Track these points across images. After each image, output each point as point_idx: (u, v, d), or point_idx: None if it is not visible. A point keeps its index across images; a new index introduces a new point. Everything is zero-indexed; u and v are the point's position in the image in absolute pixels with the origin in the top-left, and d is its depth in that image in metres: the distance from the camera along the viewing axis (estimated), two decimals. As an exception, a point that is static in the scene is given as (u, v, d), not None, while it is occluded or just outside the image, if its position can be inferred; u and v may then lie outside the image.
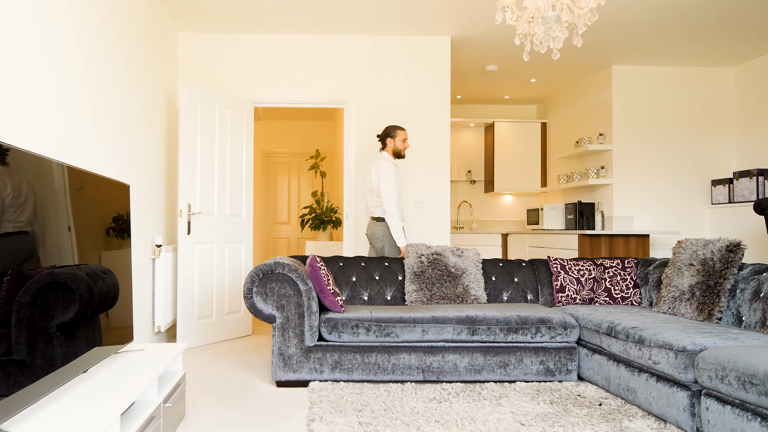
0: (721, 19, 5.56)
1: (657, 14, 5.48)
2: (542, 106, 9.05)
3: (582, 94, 7.76)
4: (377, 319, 3.78)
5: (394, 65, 6.09)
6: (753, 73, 6.82)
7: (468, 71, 7.32)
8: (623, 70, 7.05)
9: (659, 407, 3.06)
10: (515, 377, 3.82)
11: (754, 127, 6.78)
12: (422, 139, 6.08)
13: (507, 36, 5.94)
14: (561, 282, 4.44)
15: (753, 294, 3.40)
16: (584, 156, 7.68)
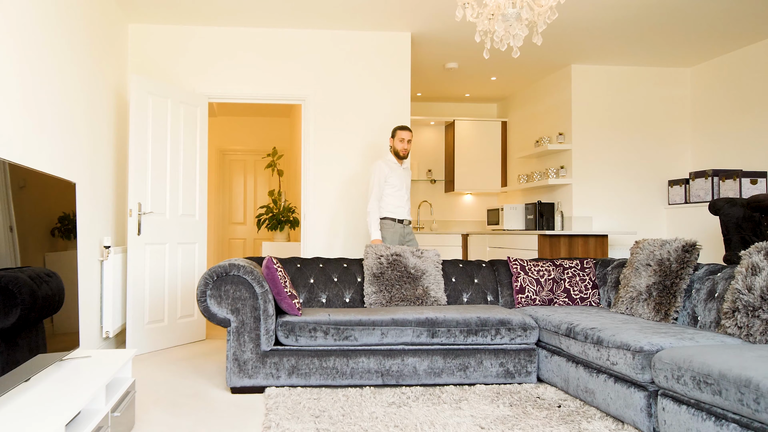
0: (678, 19, 5.72)
1: (616, 14, 5.60)
2: (503, 105, 9.16)
3: (542, 93, 7.89)
4: (335, 322, 3.77)
5: (353, 61, 6.09)
6: (709, 74, 7.03)
7: (428, 68, 7.36)
8: (583, 70, 7.19)
9: (617, 408, 3.14)
10: (475, 380, 3.86)
11: (709, 127, 6.99)
12: (382, 137, 6.09)
13: (467, 33, 5.99)
14: (521, 283, 4.50)
15: (708, 294, 3.51)
16: (544, 155, 7.81)
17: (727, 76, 6.75)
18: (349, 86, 6.08)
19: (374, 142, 6.08)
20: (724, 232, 4.84)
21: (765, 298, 2.98)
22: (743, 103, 6.51)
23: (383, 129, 6.10)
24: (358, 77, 6.10)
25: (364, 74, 6.10)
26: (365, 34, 6.11)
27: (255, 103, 6.18)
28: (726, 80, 6.76)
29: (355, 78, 6.09)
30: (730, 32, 6.06)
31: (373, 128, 6.09)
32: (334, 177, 6.03)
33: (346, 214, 6.02)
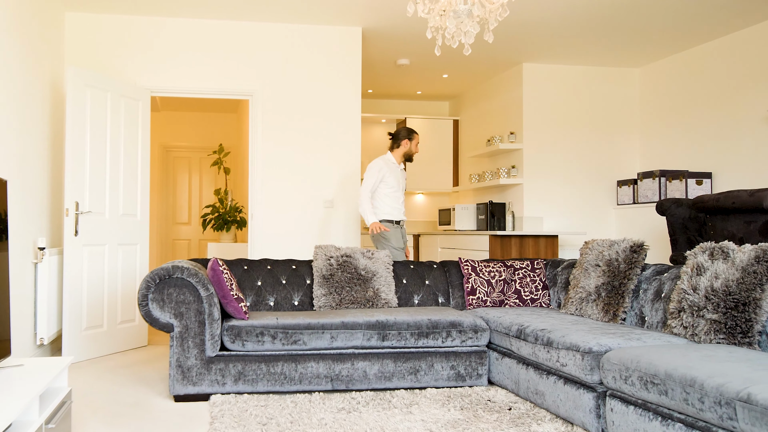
0: (627, 19, 5.87)
1: (567, 13, 5.72)
2: (454, 103, 9.25)
3: (494, 92, 8.00)
4: (284, 326, 3.75)
5: (302, 56, 6.06)
6: (656, 75, 7.24)
7: (380, 65, 7.38)
8: (534, 68, 7.31)
9: (567, 410, 3.21)
10: (426, 383, 3.89)
11: (656, 128, 7.21)
12: (332, 135, 6.08)
13: (419, 29, 6.02)
14: (472, 284, 4.56)
15: (655, 294, 3.62)
16: (496, 155, 7.92)
17: (673, 77, 6.97)
18: (298, 82, 6.05)
19: (324, 139, 6.07)
20: (671, 232, 5.00)
21: (709, 298, 3.09)
22: (689, 104, 6.73)
23: (333, 126, 6.08)
24: (307, 72, 6.06)
25: (313, 69, 6.08)
26: (315, 28, 6.08)
27: (200, 97, 6.08)
28: (673, 81, 6.98)
29: (305, 73, 6.06)
30: (677, 33, 6.25)
31: (323, 125, 6.07)
32: (283, 175, 5.99)
33: (296, 213, 5.98)
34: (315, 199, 6.03)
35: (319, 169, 6.05)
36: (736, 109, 6.14)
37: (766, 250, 3.02)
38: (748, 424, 2.14)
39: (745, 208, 4.04)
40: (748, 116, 6.01)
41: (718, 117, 6.35)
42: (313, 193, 6.03)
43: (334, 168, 6.08)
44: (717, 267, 3.15)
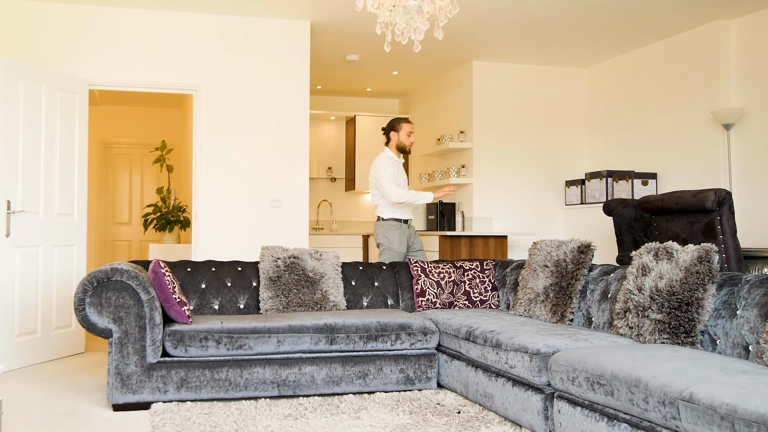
0: (575, 19, 5.99)
1: (516, 11, 5.79)
2: (405, 101, 9.29)
3: (444, 90, 8.06)
4: (229, 330, 3.70)
5: (249, 50, 5.99)
6: (603, 75, 7.42)
7: (329, 60, 7.35)
8: (484, 67, 7.39)
9: (515, 412, 3.26)
10: (375, 388, 3.90)
11: (604, 128, 7.38)
12: (280, 132, 6.03)
13: (369, 24, 6.02)
14: (421, 286, 4.59)
15: (602, 295, 3.71)
16: (445, 154, 7.98)
17: (620, 77, 7.15)
18: (244, 76, 5.97)
19: (272, 136, 6.01)
20: (617, 232, 5.13)
21: (654, 299, 3.19)
22: (635, 105, 6.92)
23: (281, 122, 6.03)
24: (254, 67, 6.00)
25: (261, 64, 6.01)
26: (262, 21, 6.02)
27: (142, 91, 5.95)
28: (619, 82, 7.16)
29: (252, 68, 5.99)
30: (624, 34, 6.41)
31: (270, 122, 6.01)
32: (229, 173, 5.91)
33: (242, 213, 5.91)
34: (262, 198, 5.97)
35: (266, 166, 5.99)
36: (681, 111, 6.34)
37: (708, 251, 3.13)
38: (691, 423, 2.22)
39: (689, 209, 4.17)
40: (691, 117, 6.21)
41: (663, 118, 6.55)
42: (260, 191, 5.97)
43: (282, 166, 6.03)
44: (661, 267, 3.25)
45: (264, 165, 5.99)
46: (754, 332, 2.81)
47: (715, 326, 3.00)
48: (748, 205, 5.67)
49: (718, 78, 5.95)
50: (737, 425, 2.03)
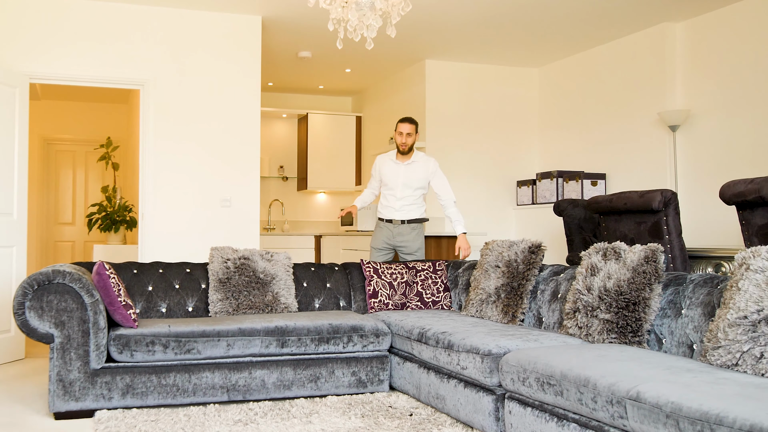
0: (527, 19, 6.07)
1: (469, 10, 5.84)
2: (357, 99, 9.29)
3: (397, 88, 8.08)
4: (176, 334, 3.65)
5: (199, 45, 5.90)
6: (554, 75, 7.55)
7: (280, 56, 7.30)
8: (437, 65, 7.44)
9: (467, 414, 3.29)
10: (327, 391, 3.89)
11: (554, 128, 7.51)
12: (230, 130, 5.96)
13: (321, 20, 5.98)
14: (374, 287, 4.59)
15: (552, 295, 3.78)
16: (399, 153, 7.99)
17: (570, 78, 7.28)
18: (194, 71, 5.88)
19: (221, 133, 5.93)
20: (567, 233, 5.23)
21: (602, 299, 3.26)
22: (585, 106, 7.06)
23: (231, 120, 5.96)
24: (204, 62, 5.91)
25: (210, 59, 5.93)
26: (213, 15, 5.93)
27: (87, 86, 5.81)
28: (570, 82, 7.29)
29: (201, 63, 5.90)
30: (574, 35, 6.53)
31: (220, 119, 5.94)
32: (177, 172, 5.82)
33: (191, 213, 5.83)
34: (211, 197, 5.90)
35: (216, 165, 5.92)
36: (629, 112, 6.49)
37: (655, 251, 3.21)
38: (638, 422, 2.27)
39: (636, 209, 4.27)
40: (639, 119, 6.37)
41: (612, 119, 6.70)
42: (210, 190, 5.89)
43: (233, 164, 5.96)
44: (610, 267, 3.32)
45: (214, 163, 5.91)
46: (698, 331, 2.89)
47: (661, 325, 3.08)
48: (693, 206, 5.85)
49: (665, 80, 6.12)
50: (682, 423, 2.09)
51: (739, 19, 5.60)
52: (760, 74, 5.41)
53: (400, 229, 5.17)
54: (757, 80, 5.44)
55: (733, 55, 5.65)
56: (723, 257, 4.23)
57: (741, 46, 5.58)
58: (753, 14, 5.48)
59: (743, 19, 5.56)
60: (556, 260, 6.55)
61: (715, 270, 4.28)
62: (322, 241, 8.15)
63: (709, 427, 2.00)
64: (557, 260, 6.56)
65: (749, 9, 5.51)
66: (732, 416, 1.95)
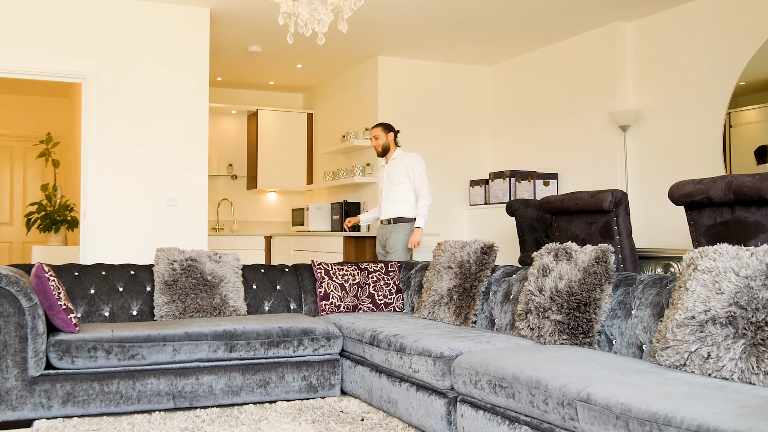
0: (480, 16, 6.11)
1: (422, 6, 5.86)
2: (309, 95, 9.23)
3: (349, 85, 8.06)
4: (120, 339, 3.57)
5: (144, 36, 5.78)
6: (507, 74, 7.62)
7: (229, 51, 7.21)
8: (389, 62, 7.44)
9: (419, 418, 3.30)
10: (276, 396, 3.86)
11: (507, 127, 7.59)
12: (177, 126, 5.86)
13: (271, 14, 5.93)
14: (325, 289, 4.58)
15: (504, 296, 3.82)
16: (350, 152, 7.99)
17: (523, 76, 7.37)
18: (139, 65, 5.76)
19: (168, 130, 5.83)
20: (520, 233, 5.30)
21: (554, 299, 3.31)
22: (538, 105, 7.15)
23: (178, 116, 5.87)
24: (149, 55, 5.79)
25: (156, 52, 5.82)
26: (159, 6, 5.82)
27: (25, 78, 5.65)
28: (522, 81, 7.38)
29: (147, 56, 5.78)
30: (527, 33, 6.60)
31: (166, 114, 5.83)
32: (121, 169, 5.69)
33: (135, 212, 5.71)
34: (157, 196, 5.79)
35: (161, 162, 5.81)
36: (581, 111, 6.60)
37: (605, 251, 3.27)
38: (588, 423, 2.31)
39: (587, 210, 4.36)
40: (591, 118, 6.48)
41: (564, 118, 6.80)
42: (155, 189, 5.78)
43: (179, 162, 5.86)
44: (561, 268, 3.38)
45: (159, 161, 5.81)
46: (647, 331, 2.96)
47: (612, 326, 3.14)
48: (643, 206, 5.98)
49: (616, 79, 6.25)
50: (631, 424, 2.13)
51: (688, 20, 5.74)
52: (708, 75, 5.57)
53: (388, 229, 5.53)
54: (704, 80, 5.60)
55: (682, 55, 5.80)
56: (672, 258, 4.34)
57: (690, 47, 5.73)
58: (702, 15, 5.62)
59: (692, 19, 5.70)
60: (509, 261, 6.62)
61: (664, 270, 4.40)
62: (272, 242, 8.08)
63: (658, 427, 2.04)
64: (510, 261, 6.64)
65: (698, 9, 5.65)
66: (680, 417, 2.00)
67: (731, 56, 5.38)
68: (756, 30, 5.18)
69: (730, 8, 5.41)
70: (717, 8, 5.50)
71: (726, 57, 5.42)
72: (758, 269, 2.51)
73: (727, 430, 1.87)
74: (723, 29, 5.45)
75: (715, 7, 5.52)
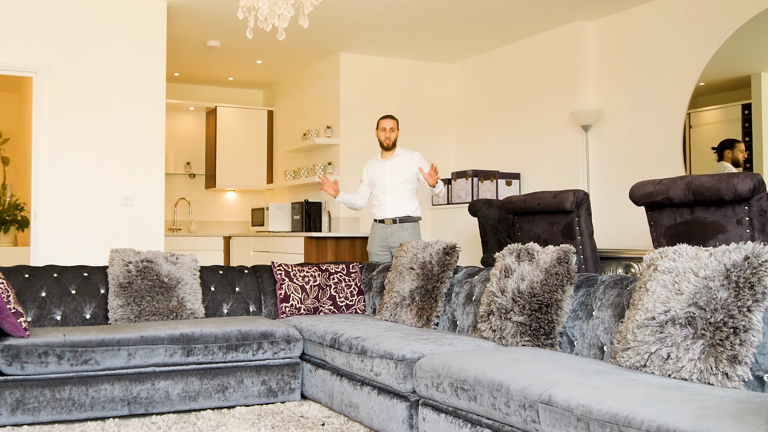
0: (443, 13, 6.13)
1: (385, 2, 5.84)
2: (269, 92, 9.17)
3: (310, 82, 8.02)
4: (72, 344, 3.50)
5: (99, 30, 5.67)
6: (470, 72, 7.66)
7: (188, 45, 7.12)
8: (351, 59, 7.42)
9: (380, 421, 3.30)
10: (235, 402, 3.82)
11: (470, 126, 7.63)
12: (132, 123, 5.77)
13: (230, 8, 5.86)
14: (285, 290, 4.55)
15: (466, 297, 3.84)
16: (312, 150, 7.95)
17: (486, 75, 7.41)
18: (93, 59, 5.65)
19: (123, 126, 5.73)
20: (482, 233, 5.34)
21: (516, 301, 3.33)
22: (500, 103, 7.20)
23: (134, 112, 5.77)
24: (104, 49, 5.68)
25: (111, 46, 5.71)
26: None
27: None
28: (485, 79, 7.42)
29: (101, 50, 5.67)
30: (490, 30, 6.63)
31: (122, 110, 5.73)
32: (74, 167, 5.58)
33: (89, 212, 5.60)
34: (112, 195, 5.68)
35: (117, 160, 5.71)
36: (543, 110, 6.66)
37: (567, 252, 3.31)
38: (549, 425, 2.34)
39: (549, 210, 4.40)
40: (553, 118, 6.55)
41: (526, 117, 6.86)
42: (110, 188, 5.68)
43: (135, 160, 5.77)
44: (523, 269, 3.41)
45: (114, 158, 5.70)
46: (608, 332, 3.00)
47: (573, 327, 3.18)
48: (604, 206, 6.07)
49: (578, 79, 6.32)
50: (592, 426, 2.16)
51: (649, 20, 5.83)
52: (669, 75, 5.67)
53: (392, 229, 5.30)
54: (665, 81, 5.70)
55: (643, 55, 5.89)
56: (632, 258, 4.41)
57: (651, 46, 5.82)
58: (663, 15, 5.72)
59: (653, 19, 5.80)
60: (471, 261, 6.66)
61: (625, 271, 4.47)
62: (231, 243, 8.01)
63: (618, 428, 2.07)
64: (472, 261, 6.67)
65: (660, 9, 5.75)
66: (640, 417, 2.04)
67: (691, 57, 5.49)
68: (715, 31, 5.29)
69: (691, 9, 5.52)
70: (678, 9, 5.61)
71: (686, 57, 5.53)
72: (717, 270, 2.56)
73: (686, 431, 1.91)
74: (683, 30, 5.56)
75: (676, 7, 5.63)
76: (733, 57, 5.26)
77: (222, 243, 7.99)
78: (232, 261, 7.91)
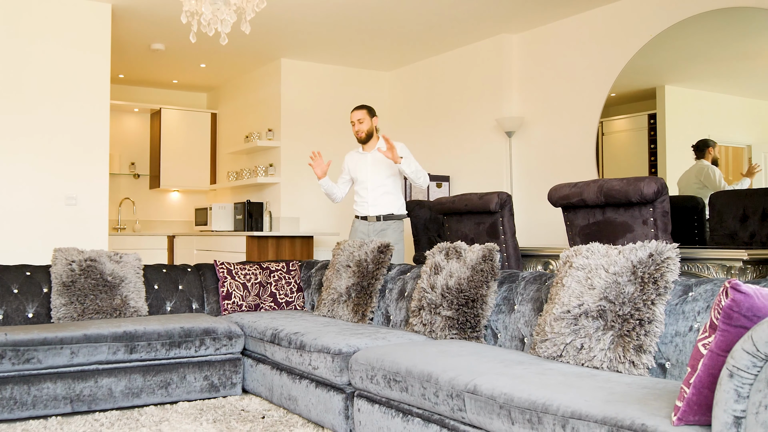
0: (377, 22, 6.13)
1: (322, 10, 5.81)
2: (213, 95, 9.00)
3: (252, 86, 7.92)
4: (14, 343, 3.35)
5: (42, 31, 5.44)
6: (403, 80, 7.71)
7: (132, 48, 6.92)
8: (292, 65, 7.36)
9: (318, 414, 3.29)
10: (178, 397, 3.74)
11: (403, 131, 7.65)
12: (76, 123, 5.57)
13: (174, 12, 5.71)
14: (227, 288, 4.48)
15: (399, 293, 3.86)
16: (254, 152, 7.85)
17: (418, 82, 7.47)
18: (36, 60, 5.41)
19: (67, 127, 5.52)
20: (414, 233, 5.38)
21: (445, 296, 3.38)
22: (431, 110, 7.27)
23: (78, 112, 5.57)
24: (48, 50, 5.45)
25: (55, 47, 5.49)
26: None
27: None
28: (418, 87, 7.48)
29: (45, 51, 5.44)
30: (422, 40, 6.69)
31: (65, 111, 5.51)
32: (17, 166, 5.34)
33: (32, 211, 5.38)
34: (55, 195, 5.47)
35: (60, 160, 5.50)
36: (471, 117, 6.76)
37: (491, 250, 3.37)
38: (475, 413, 2.37)
39: (476, 210, 4.46)
40: (480, 124, 6.66)
41: (455, 123, 6.95)
42: (54, 188, 5.46)
43: (79, 159, 5.57)
44: (451, 266, 3.45)
45: (58, 158, 5.49)
46: (528, 325, 3.07)
47: (497, 321, 3.24)
48: (526, 207, 6.21)
49: (502, 88, 6.43)
50: (513, 413, 2.21)
51: (567, 34, 5.99)
52: (584, 85, 5.84)
53: (375, 227, 4.82)
54: (580, 91, 5.87)
55: (561, 67, 6.05)
56: (550, 256, 4.52)
57: (568, 59, 5.98)
58: (579, 30, 5.88)
59: (571, 34, 5.96)
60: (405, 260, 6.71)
61: (543, 268, 4.57)
62: (175, 242, 7.83)
63: (537, 415, 2.13)
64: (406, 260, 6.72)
65: (577, 25, 5.91)
66: (556, 404, 2.09)
67: (604, 69, 5.66)
68: (625, 46, 5.47)
69: (604, 25, 5.69)
70: (592, 25, 5.78)
71: (599, 70, 5.70)
72: (625, 266, 2.65)
73: (596, 416, 1.97)
74: (597, 44, 5.73)
75: (590, 23, 5.80)
76: (641, 70, 5.45)
77: (166, 242, 7.80)
78: (176, 260, 7.73)
